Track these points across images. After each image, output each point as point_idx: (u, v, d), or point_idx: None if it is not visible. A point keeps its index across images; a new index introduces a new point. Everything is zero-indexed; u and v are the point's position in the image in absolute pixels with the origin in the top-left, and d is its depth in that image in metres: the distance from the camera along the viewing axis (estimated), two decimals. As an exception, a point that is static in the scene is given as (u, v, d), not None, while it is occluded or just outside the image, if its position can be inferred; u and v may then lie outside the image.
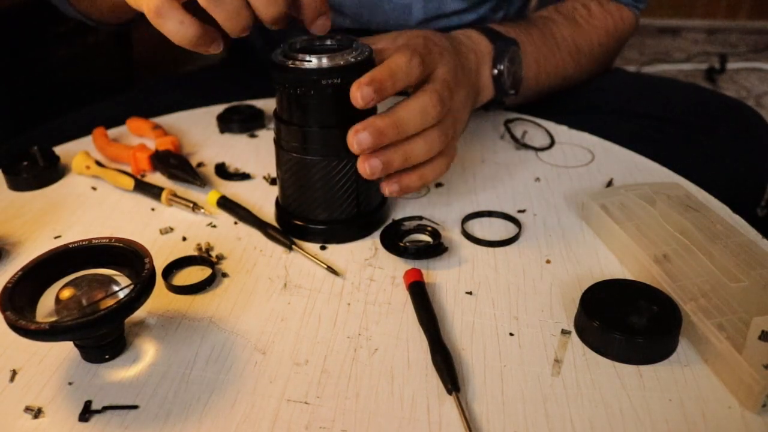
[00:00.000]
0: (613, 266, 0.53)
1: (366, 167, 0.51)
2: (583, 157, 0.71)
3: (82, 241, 0.46)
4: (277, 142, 0.55)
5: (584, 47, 0.79)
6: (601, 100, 0.83)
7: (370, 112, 0.53)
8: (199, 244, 0.57)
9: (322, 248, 0.56)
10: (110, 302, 0.41)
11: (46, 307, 0.43)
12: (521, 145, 0.72)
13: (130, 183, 0.64)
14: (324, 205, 0.55)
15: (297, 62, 0.50)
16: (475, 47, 0.66)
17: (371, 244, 0.57)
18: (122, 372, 0.44)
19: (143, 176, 0.67)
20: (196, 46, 0.47)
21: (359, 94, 0.49)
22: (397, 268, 0.53)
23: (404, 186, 0.54)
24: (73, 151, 0.69)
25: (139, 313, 0.46)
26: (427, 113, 0.51)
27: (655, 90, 0.87)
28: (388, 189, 0.54)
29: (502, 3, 0.90)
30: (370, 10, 0.82)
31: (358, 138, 0.49)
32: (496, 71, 0.66)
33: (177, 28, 0.46)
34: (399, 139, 0.51)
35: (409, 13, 0.83)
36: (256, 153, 0.73)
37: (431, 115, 0.51)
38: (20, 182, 0.66)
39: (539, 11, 0.81)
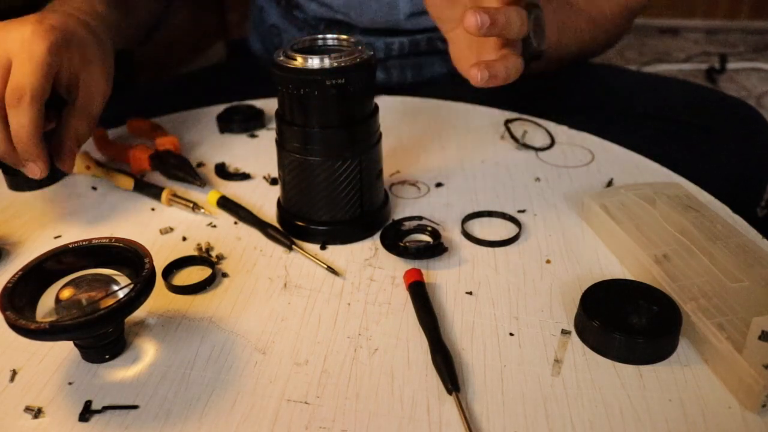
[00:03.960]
0: (613, 266, 0.53)
1: (477, 18, 0.49)
2: (583, 157, 0.71)
3: (82, 241, 0.46)
4: (279, 142, 0.55)
5: (597, 18, 0.79)
6: (601, 100, 0.83)
7: (371, 123, 0.54)
8: (199, 244, 0.57)
9: (323, 248, 0.56)
10: (110, 302, 0.41)
11: (46, 307, 0.43)
12: (521, 145, 0.72)
13: (130, 183, 0.64)
14: (327, 206, 0.55)
15: (300, 63, 0.50)
16: None
17: (371, 244, 0.57)
18: (122, 372, 0.44)
19: (143, 176, 0.67)
20: (7, 161, 0.56)
21: (475, 18, 0.48)
22: (397, 268, 0.53)
23: (493, 72, 0.52)
24: (73, 151, 0.68)
25: (139, 313, 0.47)
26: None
27: (655, 89, 0.86)
28: (480, 75, 0.52)
29: None
30: (357, 8, 0.85)
31: (477, 17, 0.48)
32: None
33: None
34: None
35: (396, 8, 0.85)
36: (256, 153, 0.73)
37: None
38: (20, 182, 0.66)
39: None
